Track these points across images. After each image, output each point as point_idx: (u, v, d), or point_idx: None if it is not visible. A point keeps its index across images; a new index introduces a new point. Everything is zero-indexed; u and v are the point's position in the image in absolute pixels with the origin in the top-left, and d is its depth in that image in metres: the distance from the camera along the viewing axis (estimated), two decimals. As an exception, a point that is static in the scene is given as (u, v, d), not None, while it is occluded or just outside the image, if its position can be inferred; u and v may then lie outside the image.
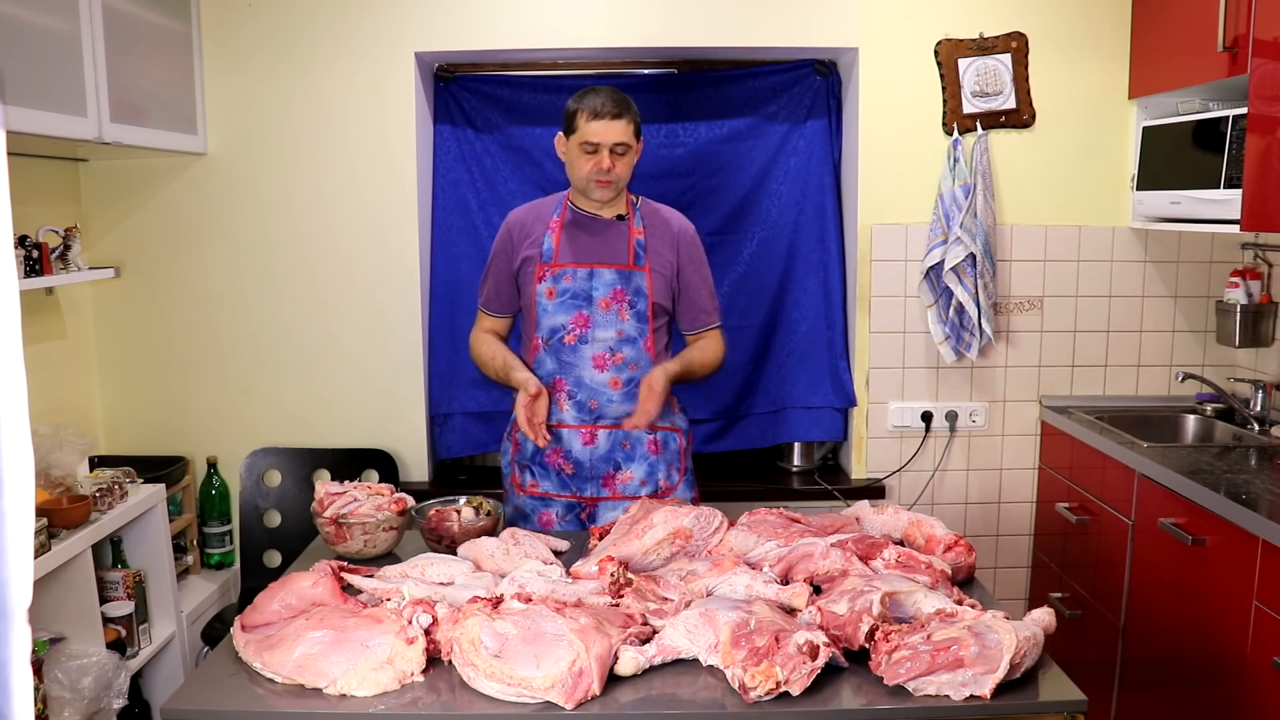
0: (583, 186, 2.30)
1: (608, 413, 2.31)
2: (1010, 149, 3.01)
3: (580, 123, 2.24)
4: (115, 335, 3.06)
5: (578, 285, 2.29)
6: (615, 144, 2.24)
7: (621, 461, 2.34)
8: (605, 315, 2.29)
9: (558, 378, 2.32)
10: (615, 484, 2.35)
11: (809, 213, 3.12)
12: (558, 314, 2.30)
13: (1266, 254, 2.93)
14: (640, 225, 2.35)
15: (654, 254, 2.33)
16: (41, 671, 2.14)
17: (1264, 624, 2.03)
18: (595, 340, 2.29)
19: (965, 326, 2.97)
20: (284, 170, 2.99)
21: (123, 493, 2.44)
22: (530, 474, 2.39)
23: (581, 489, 2.36)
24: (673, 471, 2.40)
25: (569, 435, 2.32)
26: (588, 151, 2.25)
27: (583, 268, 2.30)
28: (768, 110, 3.11)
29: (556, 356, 2.31)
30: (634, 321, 2.31)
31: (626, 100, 2.27)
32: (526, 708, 1.47)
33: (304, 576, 1.75)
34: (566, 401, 2.31)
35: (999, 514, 3.18)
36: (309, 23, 2.93)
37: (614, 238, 2.33)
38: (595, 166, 2.24)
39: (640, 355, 2.31)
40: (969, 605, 1.65)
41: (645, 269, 2.32)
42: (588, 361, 2.30)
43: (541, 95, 3.09)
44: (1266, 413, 2.85)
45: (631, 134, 2.26)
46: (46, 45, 2.21)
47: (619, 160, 2.26)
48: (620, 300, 2.30)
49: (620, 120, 2.23)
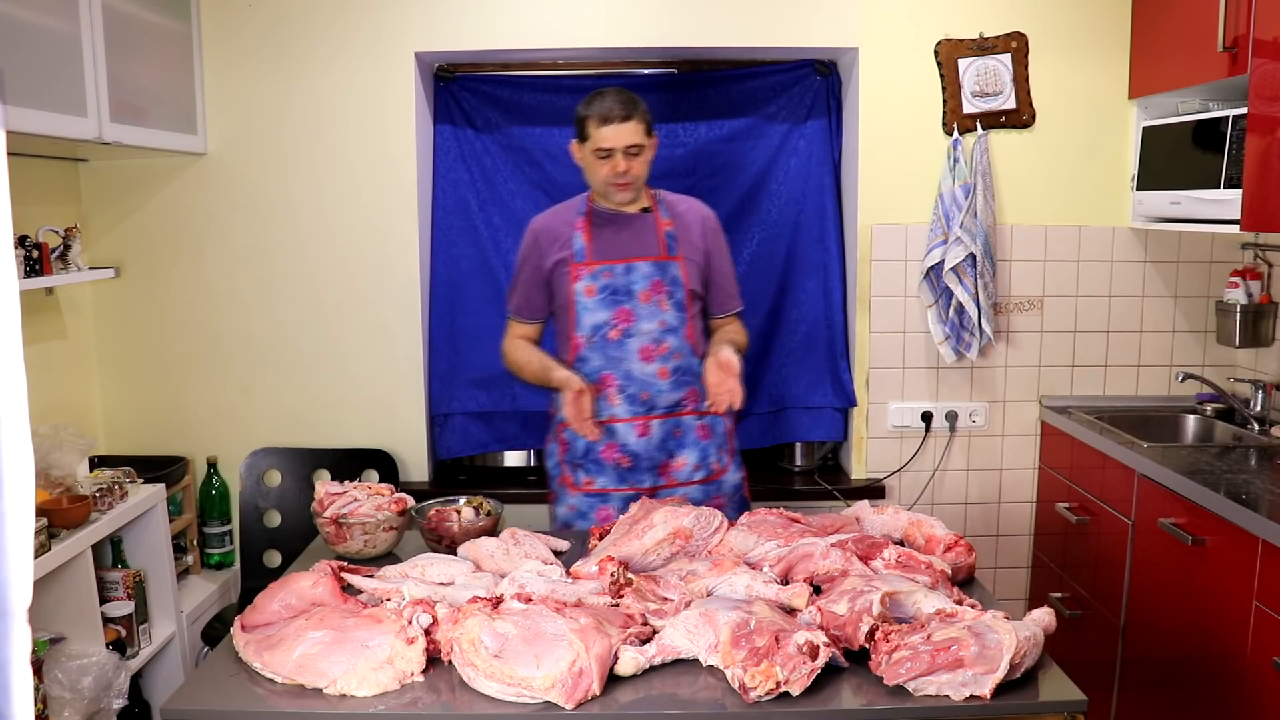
0: (602, 190, 2.34)
1: (659, 403, 2.35)
2: (1010, 149, 3.01)
3: (591, 129, 2.27)
4: (115, 335, 3.06)
5: (617, 280, 2.33)
6: (628, 146, 2.26)
7: (675, 449, 2.38)
8: (646, 308, 2.33)
9: (606, 373, 2.34)
10: (671, 471, 2.39)
11: (809, 213, 3.12)
12: (599, 310, 2.33)
13: (1266, 254, 2.93)
14: (667, 216, 2.39)
15: (684, 243, 2.37)
16: (41, 671, 2.14)
17: (1264, 624, 2.03)
18: (640, 333, 2.32)
19: (965, 326, 2.97)
20: (284, 170, 2.99)
21: (123, 493, 2.44)
22: (584, 471, 2.40)
23: (639, 480, 2.38)
24: (722, 454, 2.44)
25: (623, 429, 2.35)
26: (601, 157, 2.27)
27: (619, 263, 2.33)
28: (768, 110, 3.11)
29: (602, 352, 2.33)
30: (674, 311, 2.35)
31: (634, 99, 2.29)
32: (526, 708, 1.47)
33: (304, 576, 1.75)
34: (618, 395, 2.34)
35: (999, 514, 3.18)
36: (309, 23, 2.93)
37: (643, 231, 2.37)
38: (611, 170, 2.28)
39: (683, 344, 2.35)
40: (969, 605, 1.65)
41: (679, 258, 2.36)
42: (634, 354, 2.33)
43: (541, 95, 3.09)
44: (1266, 413, 2.85)
45: (642, 133, 2.28)
46: (46, 45, 2.21)
47: (634, 161, 2.28)
48: (659, 291, 2.33)
49: (630, 122, 2.25)
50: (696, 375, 2.35)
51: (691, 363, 2.36)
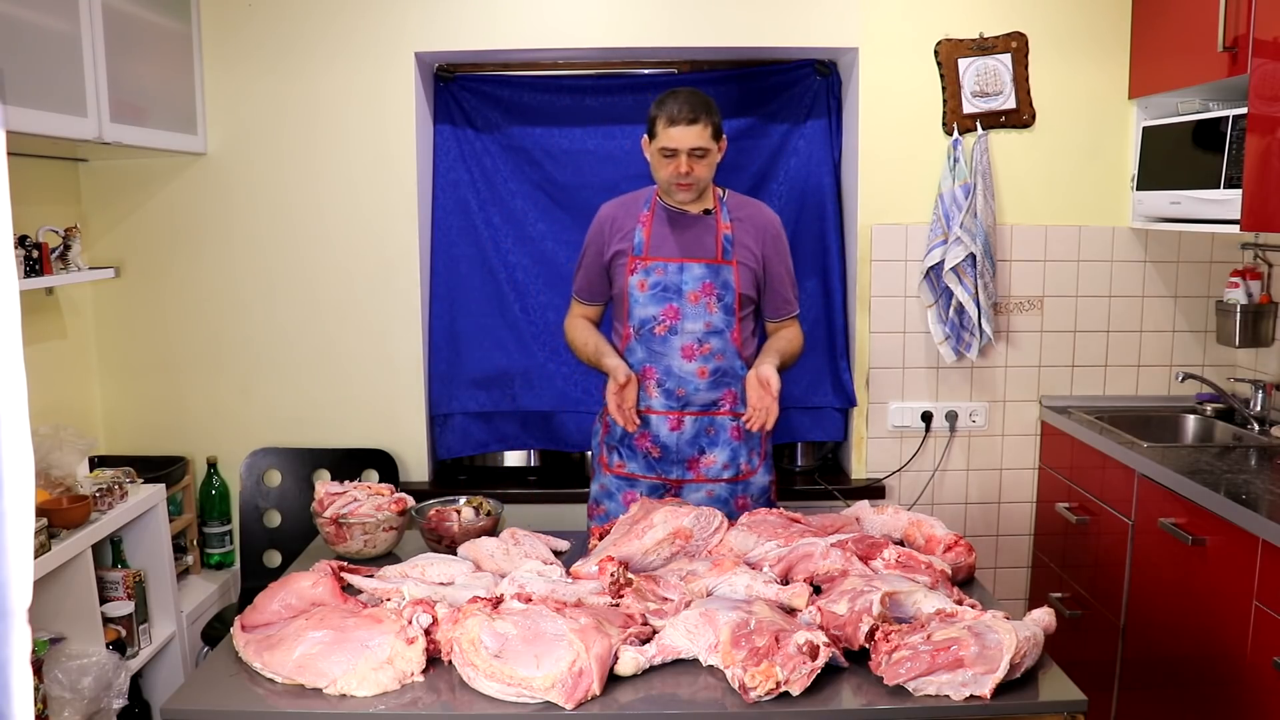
0: (666, 189, 2.38)
1: (694, 400, 2.39)
2: (1010, 149, 3.01)
3: (659, 128, 2.29)
4: (115, 335, 3.06)
5: (668, 279, 2.37)
6: (693, 149, 2.27)
7: (706, 446, 2.42)
8: (694, 308, 2.36)
9: (647, 366, 2.40)
10: (699, 467, 2.43)
11: (809, 213, 3.11)
12: (649, 305, 2.37)
13: (1266, 254, 2.92)
14: (728, 220, 2.41)
15: (741, 248, 2.40)
16: (41, 671, 2.14)
17: (1264, 624, 2.03)
18: (684, 332, 2.37)
19: (965, 326, 2.97)
20: (284, 170, 2.99)
21: (123, 493, 2.44)
22: (618, 455, 2.47)
23: (667, 472, 2.43)
24: (753, 456, 2.47)
25: (657, 421, 2.40)
26: (667, 156, 2.30)
27: (673, 262, 2.37)
28: (768, 110, 3.11)
29: (647, 346, 2.39)
30: (721, 314, 2.38)
31: (706, 103, 2.30)
32: (526, 708, 1.47)
33: (304, 576, 1.75)
34: (655, 389, 2.39)
35: (999, 514, 3.18)
36: (309, 23, 2.93)
37: (702, 232, 2.40)
38: (674, 170, 2.30)
39: (727, 346, 2.39)
40: (969, 605, 1.65)
41: (733, 263, 2.38)
42: (676, 352, 2.37)
43: (541, 95, 3.09)
44: (1266, 413, 2.85)
45: (709, 137, 2.29)
46: (46, 45, 2.21)
47: (698, 163, 2.30)
48: (709, 294, 2.37)
49: (696, 125, 2.26)
50: (738, 378, 2.39)
51: (734, 365, 2.39)
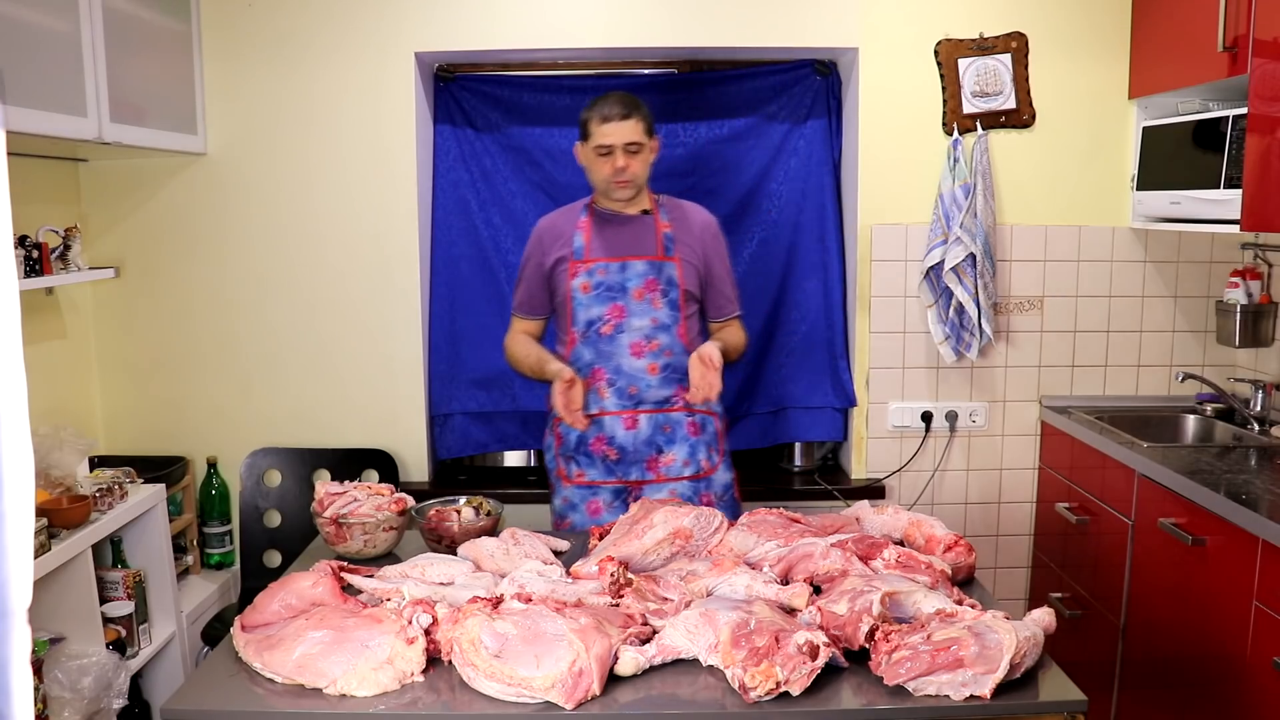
0: (604, 189, 2.41)
1: (647, 398, 2.40)
2: (1010, 149, 3.01)
3: (592, 128, 2.35)
4: (115, 335, 3.06)
5: (611, 278, 2.39)
6: (627, 144, 2.33)
7: (663, 444, 2.43)
8: (639, 304, 2.39)
9: (597, 367, 2.40)
10: (659, 466, 2.43)
11: (809, 213, 3.12)
12: (593, 306, 2.39)
13: (1266, 254, 2.92)
14: (666, 219, 2.45)
15: (682, 245, 2.43)
16: (41, 671, 2.14)
17: (1264, 624, 2.03)
18: (631, 329, 2.39)
19: (965, 326, 2.97)
20: (284, 170, 2.99)
21: (123, 493, 2.44)
22: (576, 464, 2.47)
23: (627, 473, 2.43)
24: (712, 453, 2.48)
25: (611, 422, 2.41)
26: (602, 154, 2.35)
27: (615, 261, 2.40)
28: (768, 110, 3.11)
29: (595, 347, 2.40)
30: (667, 309, 2.40)
31: (634, 101, 2.37)
32: (526, 708, 1.47)
33: (304, 576, 1.75)
34: (607, 389, 2.40)
35: (999, 514, 3.18)
36: (309, 23, 2.93)
37: (642, 231, 2.43)
38: (611, 168, 2.34)
39: (674, 341, 2.41)
40: (969, 605, 1.65)
41: (675, 259, 2.41)
42: (625, 350, 2.39)
43: (541, 95, 3.09)
44: (1266, 413, 2.85)
45: (642, 132, 2.36)
46: (46, 45, 2.21)
47: (633, 159, 2.35)
48: (653, 290, 2.39)
49: (629, 120, 2.33)
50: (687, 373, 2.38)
51: (682, 360, 2.40)
